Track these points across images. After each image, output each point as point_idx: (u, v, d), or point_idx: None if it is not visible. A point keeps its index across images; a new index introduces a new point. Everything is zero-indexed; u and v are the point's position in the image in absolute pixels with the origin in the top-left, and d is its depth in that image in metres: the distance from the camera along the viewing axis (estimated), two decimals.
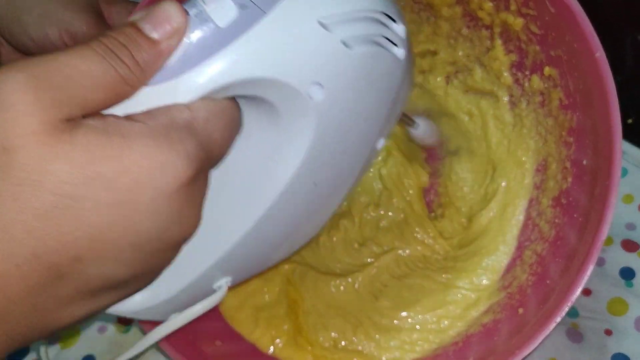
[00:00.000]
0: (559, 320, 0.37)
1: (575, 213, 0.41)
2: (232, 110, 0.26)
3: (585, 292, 0.50)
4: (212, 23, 0.24)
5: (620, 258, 0.51)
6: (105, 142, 0.21)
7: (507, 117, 0.49)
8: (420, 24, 0.50)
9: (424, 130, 0.45)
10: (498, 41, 0.46)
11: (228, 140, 0.26)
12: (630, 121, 0.56)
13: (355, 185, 0.35)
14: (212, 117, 0.24)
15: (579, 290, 0.37)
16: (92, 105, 0.22)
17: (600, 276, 0.50)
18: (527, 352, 0.37)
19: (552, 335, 0.37)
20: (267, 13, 0.24)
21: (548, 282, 0.42)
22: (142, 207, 0.22)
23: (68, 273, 0.22)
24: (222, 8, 0.24)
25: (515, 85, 0.47)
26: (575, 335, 0.48)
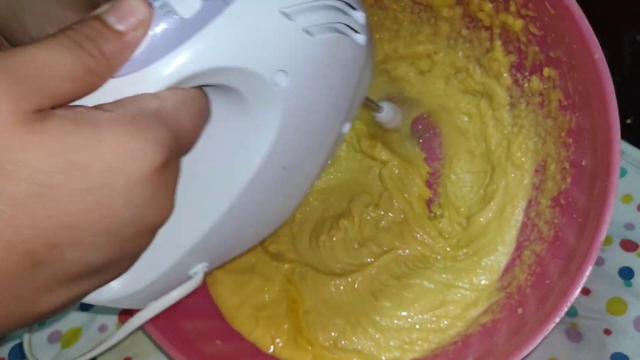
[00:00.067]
0: (558, 320, 0.37)
1: (574, 213, 0.42)
2: (200, 99, 0.26)
3: (585, 291, 0.50)
4: (176, 14, 0.24)
5: (619, 258, 0.51)
6: (75, 131, 0.22)
7: (507, 118, 0.49)
8: (420, 25, 0.50)
9: (388, 113, 0.46)
10: (497, 42, 0.46)
11: (197, 128, 0.27)
12: (629, 121, 0.57)
13: (323, 169, 0.36)
14: (180, 106, 0.25)
15: (578, 290, 0.37)
16: (61, 97, 0.23)
17: (599, 276, 0.50)
18: (527, 352, 0.37)
19: (551, 334, 0.37)
20: (229, 4, 0.25)
21: (547, 282, 0.42)
22: (115, 193, 0.23)
23: (45, 260, 0.22)
24: (185, 0, 0.24)
25: (514, 86, 0.47)
26: (574, 335, 0.48)
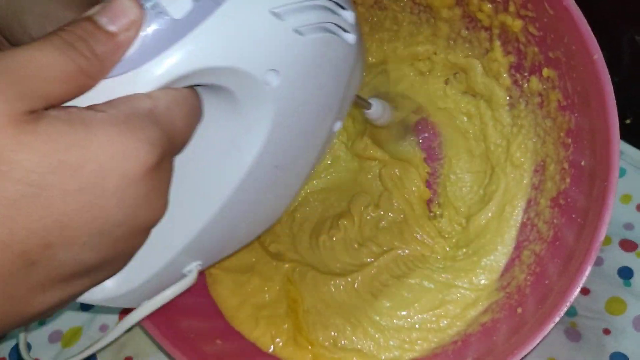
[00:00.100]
0: (557, 320, 0.37)
1: (573, 213, 0.42)
2: (192, 98, 0.26)
3: (584, 291, 0.50)
4: (167, 15, 0.24)
5: (619, 258, 0.51)
6: (68, 131, 0.22)
7: (506, 118, 0.49)
8: (419, 26, 0.50)
9: (377, 110, 0.46)
10: (497, 43, 0.46)
11: (190, 127, 0.27)
12: (628, 121, 0.57)
13: (315, 167, 0.36)
14: (172, 106, 0.25)
15: (578, 290, 0.37)
16: (54, 98, 0.23)
17: (599, 276, 0.50)
18: (526, 352, 0.37)
19: (550, 334, 0.37)
20: (220, 4, 0.25)
21: (546, 282, 0.42)
22: (108, 193, 0.23)
23: (39, 260, 0.23)
24: (176, 0, 0.25)
25: (514, 87, 0.47)
26: (573, 335, 0.48)
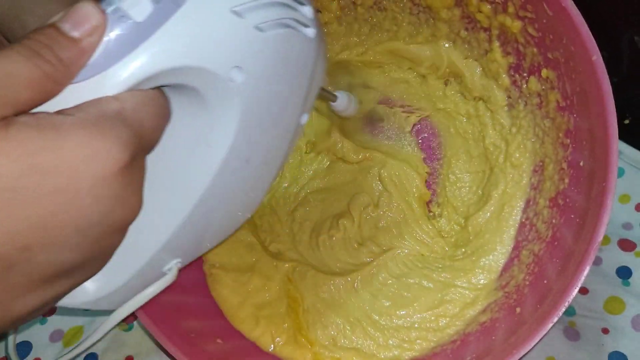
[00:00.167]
0: (556, 320, 0.37)
1: (572, 214, 0.42)
2: (159, 99, 0.27)
3: (583, 290, 0.50)
4: (129, 19, 0.25)
5: (617, 257, 0.52)
6: (39, 136, 0.22)
7: (505, 119, 0.49)
8: (419, 26, 0.50)
9: (343, 102, 0.47)
10: (496, 43, 0.46)
11: (159, 126, 0.27)
12: (626, 122, 0.57)
13: (286, 159, 0.37)
14: (140, 106, 0.26)
15: (576, 290, 0.37)
16: (23, 104, 0.23)
17: (597, 275, 0.50)
18: (525, 351, 0.37)
19: (549, 333, 0.37)
20: (180, 6, 0.26)
21: (545, 281, 0.42)
22: (83, 193, 0.23)
23: (18, 263, 0.23)
24: (137, 4, 0.25)
25: (512, 87, 0.47)
26: (572, 334, 0.48)
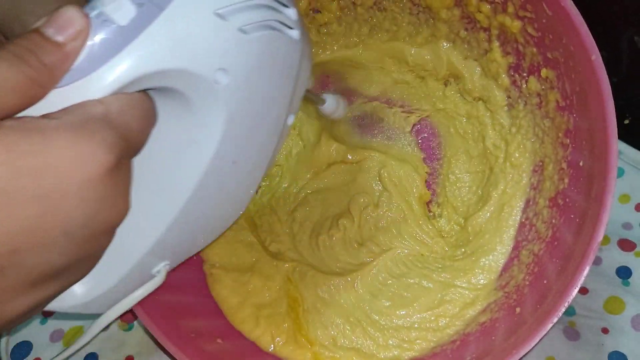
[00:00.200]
0: (555, 320, 0.37)
1: (571, 213, 0.42)
2: (144, 102, 0.27)
3: (582, 290, 0.50)
4: (113, 23, 0.25)
5: (617, 257, 0.52)
6: (25, 139, 0.22)
7: (505, 119, 0.49)
8: (419, 26, 0.50)
9: (331, 105, 0.47)
10: (496, 43, 0.46)
11: (144, 129, 0.27)
12: (626, 121, 0.57)
13: (273, 160, 0.37)
14: (126, 109, 0.26)
15: (576, 290, 0.37)
16: (8, 109, 0.23)
17: (597, 275, 0.50)
18: (525, 352, 0.37)
19: (549, 333, 0.37)
20: (164, 9, 0.26)
21: (545, 281, 0.42)
22: (70, 195, 0.23)
23: (6, 266, 0.23)
24: (120, 8, 0.25)
25: (512, 87, 0.47)
26: (572, 334, 0.48)
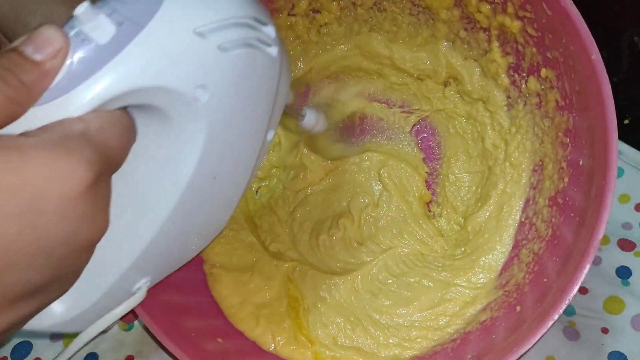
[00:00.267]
0: (556, 318, 0.37)
1: (571, 213, 0.42)
2: (123, 119, 0.27)
3: (582, 290, 0.50)
4: (92, 41, 0.25)
5: (617, 257, 0.52)
6: (2, 157, 0.22)
7: (504, 119, 0.49)
8: (418, 27, 0.50)
9: (311, 119, 0.47)
10: (495, 43, 0.46)
11: (124, 146, 0.27)
12: (626, 121, 0.57)
13: (253, 175, 0.37)
14: (105, 127, 0.26)
15: (576, 289, 0.37)
16: None
17: (597, 275, 0.50)
18: (524, 350, 0.38)
19: (549, 333, 0.37)
20: (143, 27, 0.26)
21: (545, 280, 0.42)
22: (48, 213, 0.23)
23: None
24: (99, 27, 0.25)
25: (512, 87, 0.47)
26: (572, 333, 0.48)
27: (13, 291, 0.24)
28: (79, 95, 0.25)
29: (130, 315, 0.53)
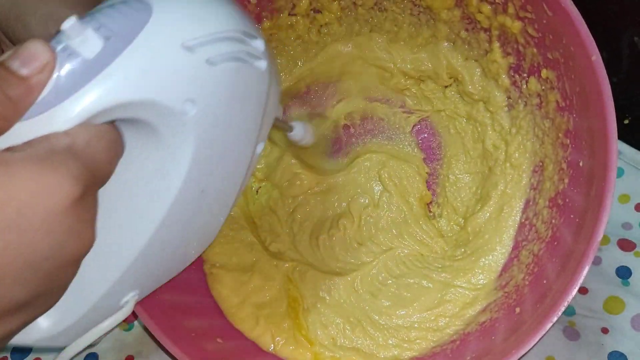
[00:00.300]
0: (555, 319, 0.37)
1: (571, 213, 0.42)
2: (111, 133, 0.27)
3: (582, 290, 0.50)
4: (79, 55, 0.25)
5: (617, 257, 0.52)
6: None
7: (505, 119, 0.49)
8: (419, 27, 0.50)
9: (299, 132, 0.47)
10: (496, 44, 0.46)
11: (111, 160, 0.27)
12: (626, 122, 0.57)
13: (242, 187, 0.37)
14: (92, 141, 0.26)
15: (575, 290, 0.37)
16: None
17: (597, 275, 0.50)
18: (524, 351, 0.38)
19: (549, 333, 0.37)
20: (131, 42, 0.26)
21: (545, 281, 0.42)
22: (34, 228, 0.23)
23: None
24: (87, 41, 0.25)
25: (512, 88, 0.47)
26: (572, 334, 0.48)
27: None
28: (66, 110, 0.25)
29: (130, 316, 0.53)
